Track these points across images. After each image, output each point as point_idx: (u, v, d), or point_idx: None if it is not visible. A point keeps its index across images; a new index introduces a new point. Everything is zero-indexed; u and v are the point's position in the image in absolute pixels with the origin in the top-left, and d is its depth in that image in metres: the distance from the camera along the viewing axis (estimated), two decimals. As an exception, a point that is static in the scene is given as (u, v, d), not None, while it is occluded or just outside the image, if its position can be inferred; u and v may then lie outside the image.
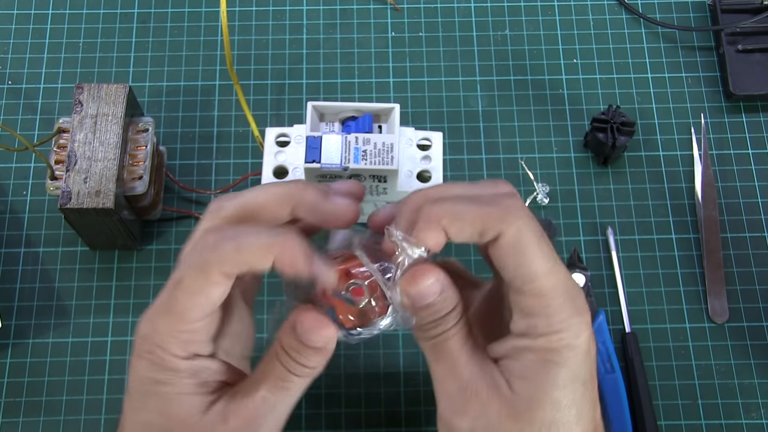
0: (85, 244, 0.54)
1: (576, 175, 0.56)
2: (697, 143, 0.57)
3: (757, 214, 0.55)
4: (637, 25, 0.61)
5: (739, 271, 0.54)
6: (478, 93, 0.59)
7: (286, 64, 0.59)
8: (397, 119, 0.48)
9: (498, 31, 0.61)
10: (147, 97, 0.58)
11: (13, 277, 0.53)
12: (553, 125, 0.58)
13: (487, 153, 0.57)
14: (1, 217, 0.55)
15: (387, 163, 0.46)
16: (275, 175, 0.49)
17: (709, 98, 0.59)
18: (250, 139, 0.57)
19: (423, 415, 0.50)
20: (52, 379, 0.50)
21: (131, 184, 0.50)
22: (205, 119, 0.58)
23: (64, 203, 0.47)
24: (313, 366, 0.36)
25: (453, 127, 0.57)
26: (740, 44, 0.59)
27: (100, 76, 0.59)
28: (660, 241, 0.54)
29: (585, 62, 0.60)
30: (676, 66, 0.60)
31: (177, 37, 0.60)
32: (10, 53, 0.59)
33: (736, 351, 0.52)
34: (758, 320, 0.53)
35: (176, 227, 0.55)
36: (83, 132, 0.49)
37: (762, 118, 0.58)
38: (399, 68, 0.59)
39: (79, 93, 0.50)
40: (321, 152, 0.46)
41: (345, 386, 0.51)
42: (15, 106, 0.58)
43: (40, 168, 0.56)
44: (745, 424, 0.50)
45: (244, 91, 0.57)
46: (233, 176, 0.56)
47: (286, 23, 0.61)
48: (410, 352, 0.51)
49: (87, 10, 0.61)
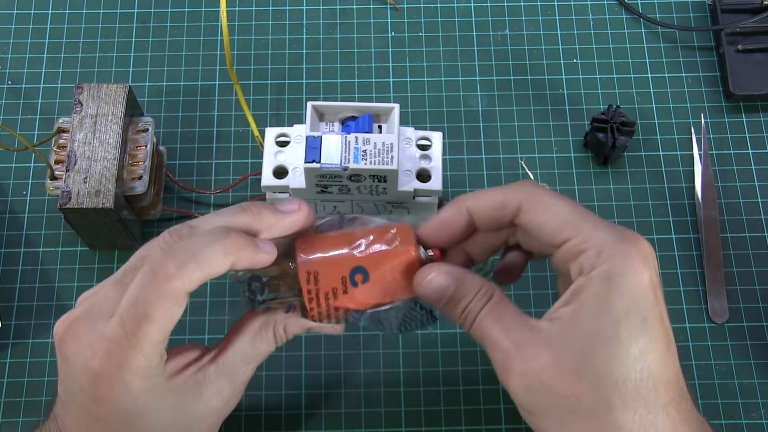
0: (85, 244, 0.54)
1: (576, 175, 0.56)
2: (697, 143, 0.57)
3: (757, 214, 0.55)
4: (637, 25, 0.61)
5: (739, 271, 0.54)
6: (478, 93, 0.59)
7: (286, 64, 0.59)
8: (397, 119, 0.48)
9: (498, 31, 0.61)
10: (147, 97, 0.58)
11: (13, 277, 0.53)
12: (553, 125, 0.58)
13: (487, 153, 0.57)
14: (1, 217, 0.55)
15: (387, 163, 0.46)
16: (275, 175, 0.49)
17: (709, 98, 0.59)
18: (250, 139, 0.57)
19: (423, 415, 0.50)
20: (52, 379, 0.50)
21: (131, 184, 0.50)
22: (205, 119, 0.58)
23: (64, 203, 0.47)
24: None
25: (453, 127, 0.57)
26: (740, 44, 0.59)
27: (100, 76, 0.59)
28: (660, 241, 0.54)
29: (585, 62, 0.60)
30: (676, 66, 0.60)
31: (177, 37, 0.60)
32: (10, 53, 0.59)
33: (736, 351, 0.52)
34: (758, 320, 0.53)
35: (176, 227, 0.55)
36: (83, 132, 0.49)
37: (762, 118, 0.58)
38: (399, 68, 0.59)
39: (79, 93, 0.50)
40: (321, 152, 0.46)
41: (345, 386, 0.51)
42: (15, 106, 0.58)
43: (40, 168, 0.56)
44: (745, 424, 0.50)
45: (244, 91, 0.57)
46: (233, 176, 0.56)
47: (286, 23, 0.61)
48: (410, 352, 0.51)
49: (87, 10, 0.61)
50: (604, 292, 0.34)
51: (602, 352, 0.33)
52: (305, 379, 0.51)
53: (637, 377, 0.33)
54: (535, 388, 0.34)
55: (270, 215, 0.39)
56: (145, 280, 0.36)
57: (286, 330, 0.42)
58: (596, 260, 0.34)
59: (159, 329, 0.36)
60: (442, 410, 0.50)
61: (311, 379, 0.51)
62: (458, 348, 0.52)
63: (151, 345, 0.36)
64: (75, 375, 0.37)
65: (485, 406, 0.50)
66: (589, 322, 0.34)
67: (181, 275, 0.36)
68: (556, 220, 0.36)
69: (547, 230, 0.36)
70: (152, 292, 0.36)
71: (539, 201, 0.36)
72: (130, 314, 0.36)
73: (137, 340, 0.36)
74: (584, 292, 0.34)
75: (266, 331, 0.41)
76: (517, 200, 0.36)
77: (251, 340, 0.41)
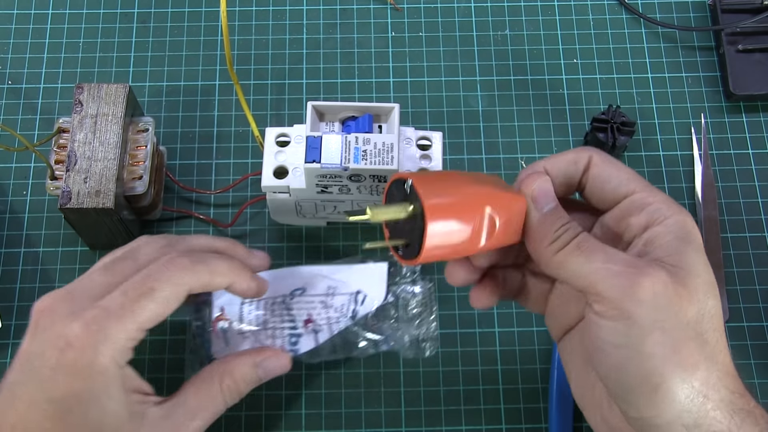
0: (85, 244, 0.54)
1: (576, 175, 0.56)
2: (697, 143, 0.57)
3: (757, 214, 0.55)
4: (637, 25, 0.61)
5: (739, 271, 0.54)
6: (478, 93, 0.59)
7: (286, 64, 0.59)
8: (397, 119, 0.48)
9: (498, 31, 0.61)
10: (147, 97, 0.58)
11: (13, 277, 0.53)
12: (553, 125, 0.58)
13: (487, 153, 0.57)
14: (1, 217, 0.55)
15: (387, 163, 0.46)
16: (275, 175, 0.49)
17: (709, 98, 0.59)
18: (250, 139, 0.57)
19: (423, 415, 0.50)
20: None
21: (131, 184, 0.50)
22: (205, 119, 0.58)
23: (64, 203, 0.47)
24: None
25: (453, 126, 0.57)
26: (740, 44, 0.59)
27: (100, 76, 0.59)
28: (660, 241, 0.54)
29: (585, 62, 0.60)
30: (676, 66, 0.60)
31: (177, 37, 0.60)
32: (10, 53, 0.59)
33: (736, 351, 0.52)
34: (758, 320, 0.53)
35: (176, 227, 0.55)
36: (83, 132, 0.49)
37: (762, 118, 0.58)
38: (399, 68, 0.59)
39: (79, 93, 0.50)
40: (321, 152, 0.46)
41: (345, 386, 0.51)
42: (15, 106, 0.58)
43: (40, 168, 0.56)
44: (745, 424, 0.50)
45: (244, 91, 0.57)
46: (233, 176, 0.56)
47: (286, 23, 0.61)
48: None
49: (87, 10, 0.61)
50: (683, 237, 0.35)
51: (701, 294, 0.34)
52: (305, 379, 0.51)
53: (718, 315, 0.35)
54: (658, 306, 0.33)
55: (242, 249, 0.45)
56: (162, 263, 0.40)
57: (236, 382, 0.43)
58: (668, 212, 0.35)
59: (153, 310, 0.39)
60: (442, 410, 0.50)
61: (311, 380, 0.51)
62: (458, 348, 0.52)
63: (137, 324, 0.38)
64: (44, 343, 0.38)
65: (485, 406, 0.50)
66: (675, 262, 0.34)
67: (193, 272, 0.40)
68: (624, 174, 0.37)
69: (615, 182, 0.37)
70: (165, 274, 0.39)
71: (607, 159, 0.38)
72: (137, 284, 0.39)
73: (131, 311, 0.38)
74: (662, 238, 0.35)
75: (210, 384, 0.42)
76: (587, 156, 0.38)
77: (196, 393, 0.41)
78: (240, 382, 0.43)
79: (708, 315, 0.34)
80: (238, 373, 0.43)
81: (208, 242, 0.45)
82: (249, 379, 0.43)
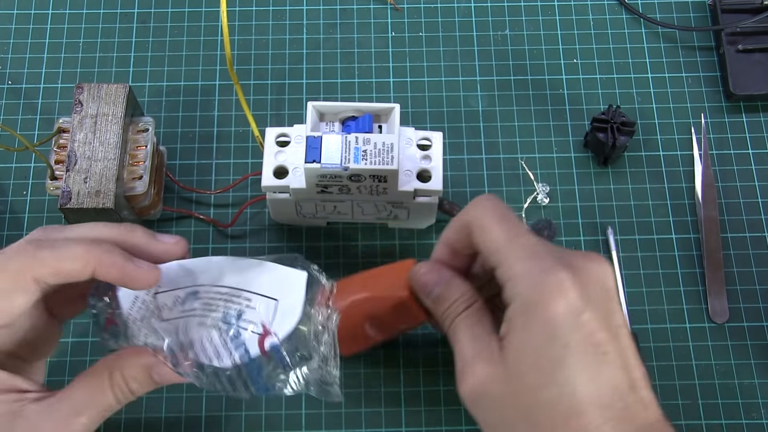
0: (85, 244, 0.53)
1: (576, 175, 0.56)
2: (697, 143, 0.57)
3: (757, 214, 0.55)
4: (637, 25, 0.61)
5: (739, 271, 0.54)
6: (478, 93, 0.59)
7: (286, 64, 0.59)
8: (397, 119, 0.48)
9: (498, 31, 0.61)
10: (147, 97, 0.58)
11: (13, 277, 0.53)
12: (553, 125, 0.58)
13: (487, 153, 0.57)
14: (1, 217, 0.55)
15: (387, 163, 0.46)
16: (275, 175, 0.49)
17: (709, 98, 0.59)
18: (250, 139, 0.57)
19: (423, 415, 0.50)
20: (51, 380, 0.50)
21: (131, 184, 0.50)
22: (205, 119, 0.58)
23: (64, 203, 0.47)
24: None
25: (453, 127, 0.57)
26: (740, 44, 0.59)
27: (100, 76, 0.59)
28: (660, 241, 0.54)
29: (585, 62, 0.60)
30: (676, 66, 0.60)
31: (177, 37, 0.60)
32: (10, 53, 0.59)
33: (736, 351, 0.52)
34: (758, 320, 0.53)
35: (176, 227, 0.55)
36: (83, 132, 0.49)
37: (762, 118, 0.58)
38: (399, 68, 0.59)
39: (79, 93, 0.50)
40: (321, 152, 0.46)
41: (345, 386, 0.51)
42: (15, 106, 0.58)
43: (40, 168, 0.56)
44: (745, 424, 0.50)
45: (244, 91, 0.57)
46: (233, 176, 0.56)
47: (286, 23, 0.61)
48: (410, 352, 0.51)
49: (87, 10, 0.61)
50: (523, 324, 0.35)
51: (529, 381, 0.34)
52: (305, 379, 0.51)
53: (565, 403, 0.33)
54: (476, 401, 0.36)
55: (142, 233, 0.39)
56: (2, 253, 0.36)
57: (126, 380, 0.38)
58: (514, 292, 0.35)
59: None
60: (442, 410, 0.50)
61: (311, 379, 0.51)
62: (458, 348, 0.52)
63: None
64: None
65: (485, 406, 0.50)
66: (515, 351, 0.35)
67: (35, 258, 0.36)
68: (489, 246, 0.36)
69: (485, 253, 0.37)
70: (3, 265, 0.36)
71: (479, 225, 0.37)
72: None
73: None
74: (510, 322, 0.35)
75: (100, 378, 0.38)
76: (467, 222, 0.38)
77: (83, 387, 0.38)
78: (131, 381, 0.38)
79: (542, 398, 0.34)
80: (128, 373, 0.38)
81: (92, 230, 0.39)
82: (141, 380, 0.39)
